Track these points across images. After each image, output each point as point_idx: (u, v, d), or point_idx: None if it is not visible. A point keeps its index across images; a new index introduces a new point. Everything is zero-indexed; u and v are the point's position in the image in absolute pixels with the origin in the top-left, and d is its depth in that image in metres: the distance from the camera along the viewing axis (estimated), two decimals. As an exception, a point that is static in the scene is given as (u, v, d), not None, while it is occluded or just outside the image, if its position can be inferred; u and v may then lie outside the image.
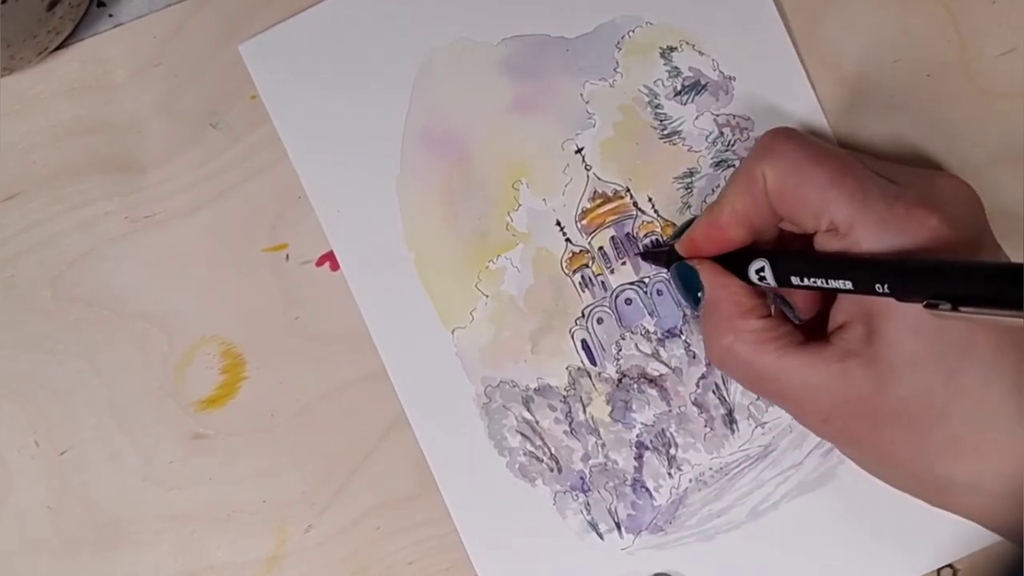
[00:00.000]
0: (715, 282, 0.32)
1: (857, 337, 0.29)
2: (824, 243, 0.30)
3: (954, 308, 0.26)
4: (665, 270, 0.36)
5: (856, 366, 0.29)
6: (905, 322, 0.28)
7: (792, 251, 0.32)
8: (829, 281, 0.29)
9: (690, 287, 0.33)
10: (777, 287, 0.31)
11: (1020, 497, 0.28)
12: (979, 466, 0.28)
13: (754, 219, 0.31)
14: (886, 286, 0.28)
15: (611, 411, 0.36)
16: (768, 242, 0.33)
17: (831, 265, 0.29)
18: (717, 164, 0.36)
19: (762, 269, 0.31)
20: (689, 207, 0.36)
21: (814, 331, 0.32)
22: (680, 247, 0.34)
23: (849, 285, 0.29)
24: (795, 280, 0.30)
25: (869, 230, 0.28)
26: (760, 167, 0.30)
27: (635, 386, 0.36)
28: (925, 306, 0.27)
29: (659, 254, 0.35)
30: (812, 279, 0.30)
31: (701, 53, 0.36)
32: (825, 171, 0.29)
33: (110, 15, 0.37)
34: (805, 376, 0.30)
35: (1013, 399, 0.28)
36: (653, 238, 0.36)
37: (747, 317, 0.31)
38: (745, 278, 0.32)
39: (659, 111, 0.36)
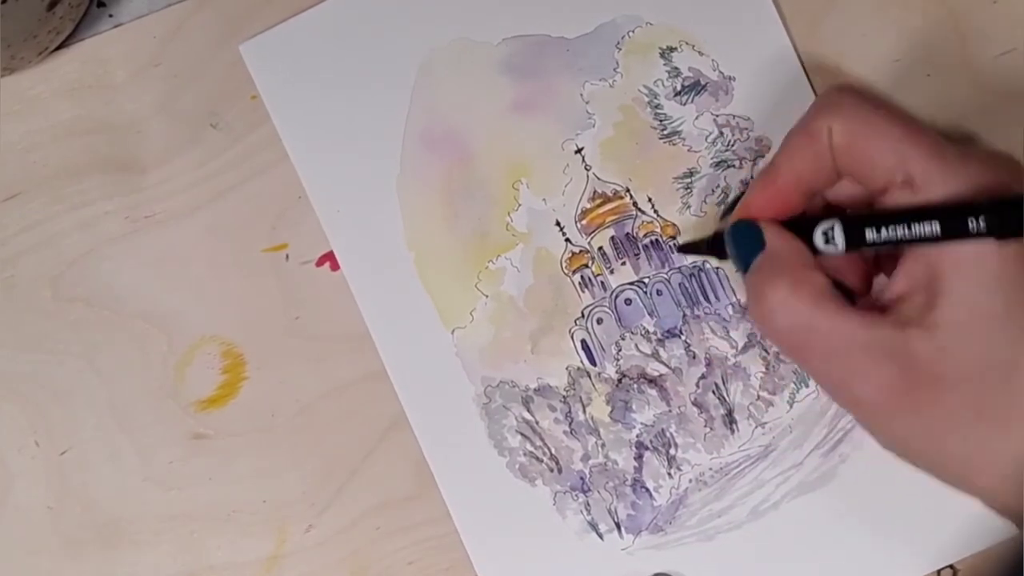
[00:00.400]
0: (779, 235, 0.31)
1: (917, 306, 0.29)
2: (897, 198, 0.29)
3: None
4: (703, 259, 0.35)
5: (917, 335, 0.28)
6: (976, 278, 0.28)
7: (860, 215, 0.31)
8: (913, 227, 0.28)
9: (746, 247, 0.31)
10: (845, 250, 0.30)
11: None
12: None
13: (814, 179, 0.30)
14: (981, 221, 0.27)
15: (611, 411, 0.36)
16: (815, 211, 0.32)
17: (915, 212, 0.29)
18: (717, 164, 0.36)
19: (830, 230, 0.30)
20: (689, 207, 0.36)
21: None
22: (737, 212, 0.32)
23: (937, 229, 0.28)
24: (871, 235, 0.29)
25: (948, 182, 0.28)
26: (825, 121, 0.30)
27: (635, 386, 0.36)
28: None
29: (698, 243, 0.35)
30: (893, 229, 0.29)
31: (701, 53, 0.36)
32: (897, 125, 0.29)
33: (110, 15, 0.37)
34: (865, 337, 0.29)
35: None
36: (652, 237, 0.36)
37: (812, 269, 0.30)
38: (809, 244, 0.31)
39: (659, 111, 0.36)
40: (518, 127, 0.36)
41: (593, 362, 0.36)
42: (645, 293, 0.36)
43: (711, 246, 0.34)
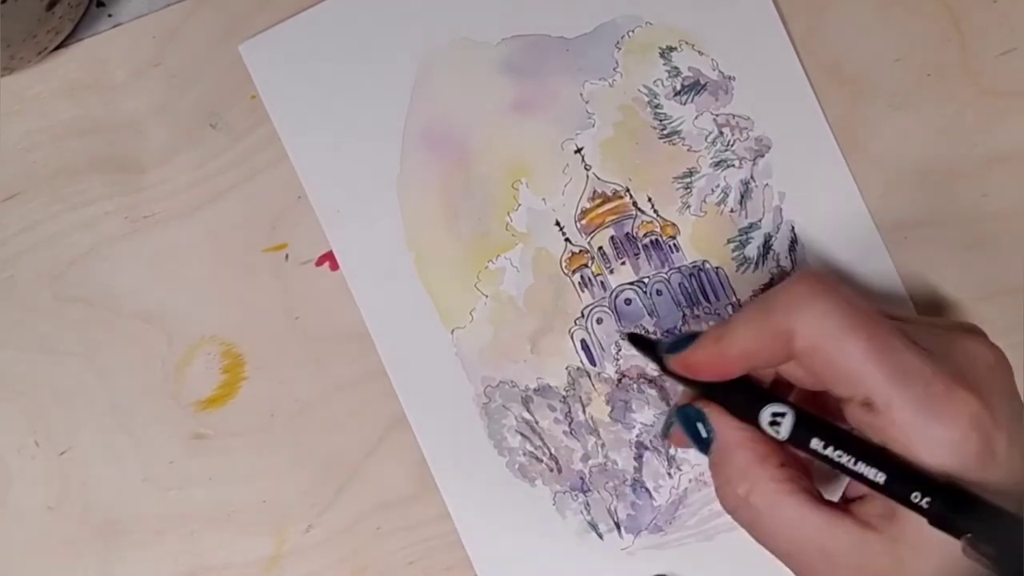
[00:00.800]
0: (726, 425, 0.30)
1: (878, 512, 0.28)
2: (856, 414, 0.28)
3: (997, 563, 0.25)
4: (649, 357, 0.32)
5: (876, 542, 0.28)
6: None
7: (816, 415, 0.29)
8: (858, 464, 0.27)
9: (694, 430, 0.30)
10: (786, 441, 0.29)
11: None
12: None
13: (766, 361, 0.29)
14: (925, 502, 0.26)
15: (611, 411, 0.36)
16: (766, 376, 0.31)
17: (865, 450, 0.27)
18: (717, 164, 0.36)
19: (780, 416, 0.29)
20: (689, 207, 0.36)
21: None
22: (674, 364, 0.30)
23: (882, 480, 0.27)
24: (816, 445, 0.28)
25: (906, 412, 0.27)
26: (790, 322, 0.28)
27: (634, 386, 0.36)
28: (966, 542, 0.26)
29: (648, 344, 0.31)
30: (839, 455, 0.27)
31: (701, 53, 0.36)
32: (862, 342, 0.27)
33: (109, 15, 0.37)
34: (823, 540, 0.28)
35: None
36: (651, 237, 0.36)
37: (764, 464, 0.29)
38: (751, 417, 0.29)
39: (659, 111, 0.36)
40: (518, 127, 0.36)
41: (593, 362, 0.36)
42: (645, 293, 0.36)
43: (657, 359, 0.31)
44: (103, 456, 0.37)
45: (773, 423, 0.29)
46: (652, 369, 0.36)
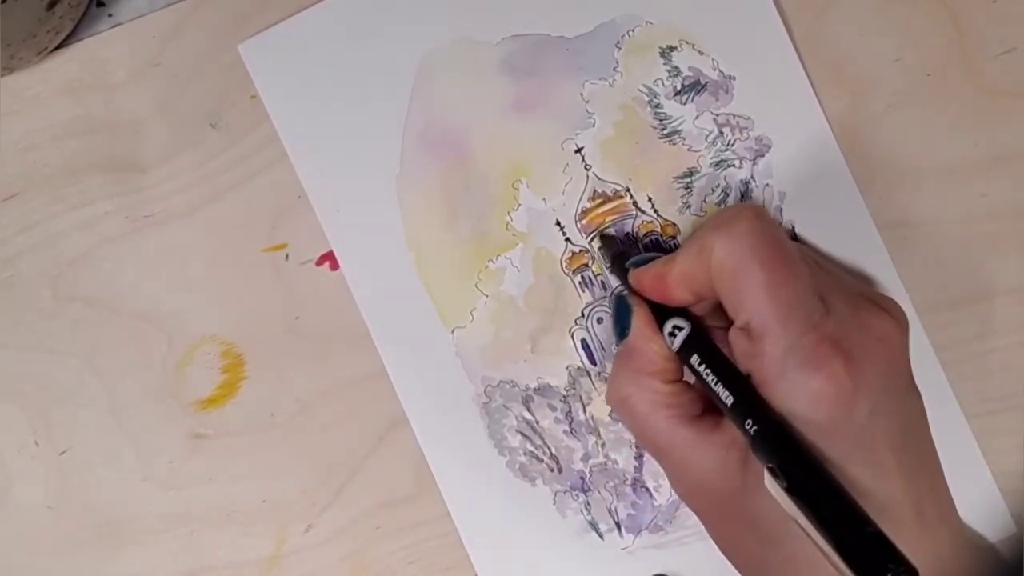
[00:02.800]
0: (641, 331, 0.32)
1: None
2: (736, 339, 0.29)
3: (789, 493, 0.26)
4: (615, 280, 0.36)
5: (733, 461, 0.29)
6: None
7: (708, 336, 0.31)
8: (718, 385, 0.29)
9: (621, 320, 0.33)
10: (676, 353, 0.31)
11: None
12: None
13: (699, 286, 0.31)
14: (753, 430, 0.28)
15: (611, 411, 0.36)
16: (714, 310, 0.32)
17: (730, 374, 0.29)
18: (717, 164, 0.36)
19: (678, 329, 0.31)
20: (689, 207, 0.36)
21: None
22: (630, 277, 0.33)
23: (729, 402, 0.29)
24: (693, 361, 0.30)
25: (777, 348, 0.28)
26: (712, 238, 0.30)
27: (635, 386, 0.36)
28: (768, 470, 0.27)
29: (619, 256, 0.35)
30: (707, 371, 0.30)
31: (701, 53, 0.36)
32: (764, 271, 0.28)
33: (109, 15, 0.37)
34: (686, 451, 0.30)
35: None
36: (652, 237, 0.36)
37: (654, 377, 0.31)
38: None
39: (659, 111, 0.36)
40: (518, 127, 0.36)
41: (593, 361, 0.36)
42: (645, 293, 0.36)
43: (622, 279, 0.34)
44: (103, 456, 0.37)
45: (671, 334, 0.31)
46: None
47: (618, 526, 0.36)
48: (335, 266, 0.37)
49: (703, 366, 0.30)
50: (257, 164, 0.37)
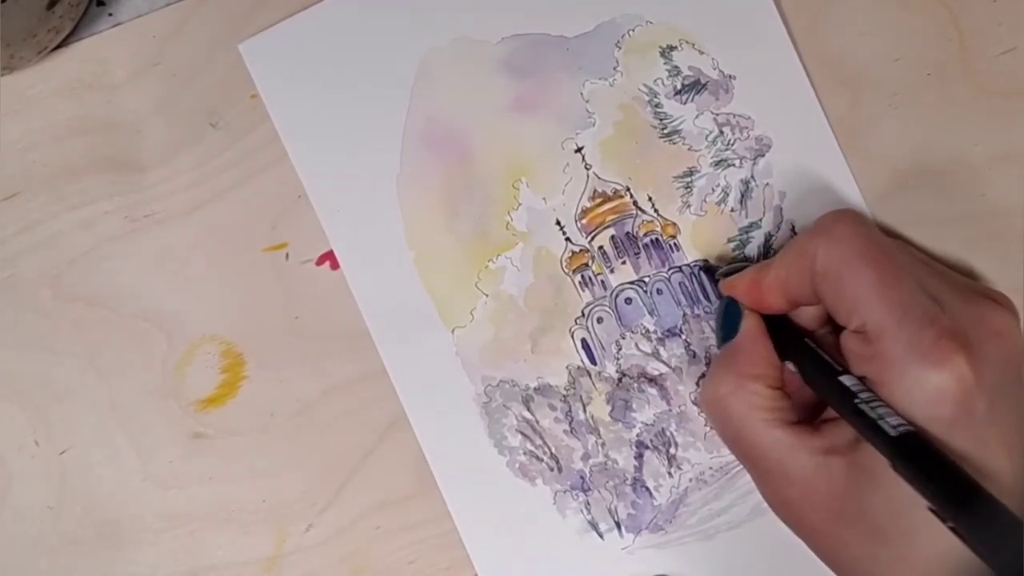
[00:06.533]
0: (750, 334, 0.32)
1: (847, 437, 0.29)
2: (850, 343, 0.30)
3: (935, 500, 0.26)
4: (711, 282, 0.36)
5: (837, 464, 0.29)
6: None
7: (823, 344, 0.32)
8: (827, 386, 0.29)
9: (728, 322, 0.33)
10: (785, 359, 0.32)
11: None
12: None
13: (796, 293, 0.31)
14: (899, 431, 0.27)
15: (611, 410, 0.36)
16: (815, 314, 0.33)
17: (832, 374, 0.29)
18: (717, 163, 0.36)
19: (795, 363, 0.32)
20: (689, 206, 0.36)
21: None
22: (721, 286, 0.34)
23: (857, 399, 0.28)
24: (790, 367, 0.31)
25: (896, 347, 0.28)
26: (814, 244, 0.30)
27: (635, 385, 0.36)
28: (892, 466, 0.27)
29: (711, 271, 0.36)
30: (813, 376, 0.30)
31: (701, 52, 0.36)
32: (873, 272, 0.29)
33: (110, 14, 0.37)
34: (784, 455, 0.30)
35: None
36: (652, 236, 0.36)
37: (756, 380, 0.31)
38: (778, 348, 0.32)
39: (659, 110, 0.36)
40: (518, 126, 0.36)
41: (593, 361, 0.36)
42: (645, 292, 0.36)
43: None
44: (103, 456, 0.37)
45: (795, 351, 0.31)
46: (652, 368, 0.36)
47: (618, 526, 0.36)
48: (335, 266, 0.37)
49: (810, 372, 0.30)
50: (257, 164, 0.37)
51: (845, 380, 0.29)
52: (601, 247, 0.36)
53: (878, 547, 0.29)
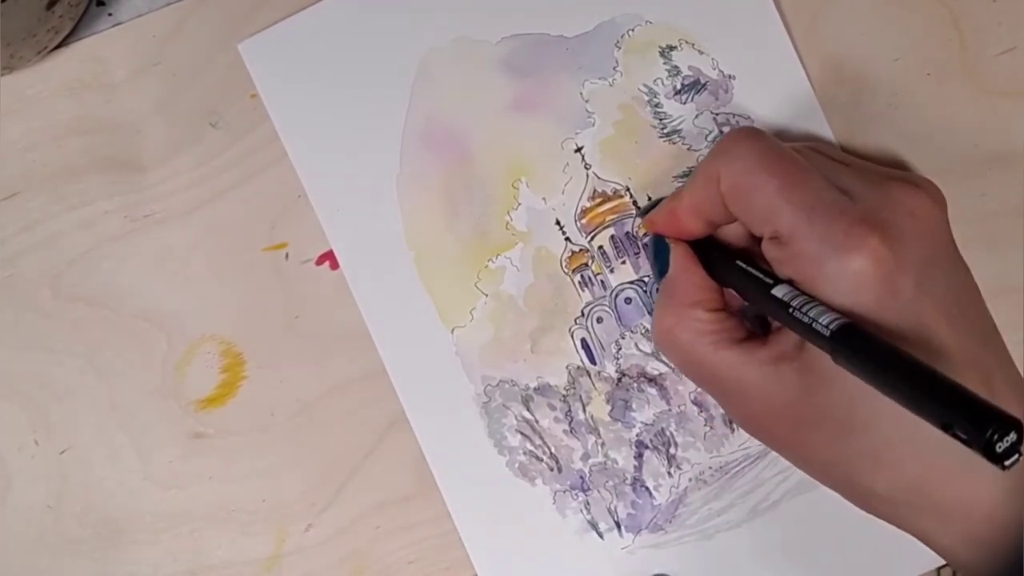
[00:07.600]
0: (680, 264, 0.33)
1: (793, 342, 0.30)
2: (769, 250, 0.30)
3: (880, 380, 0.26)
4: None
5: (788, 371, 0.29)
6: None
7: (748, 256, 0.32)
8: (758, 295, 0.30)
9: (660, 259, 0.34)
10: (715, 273, 0.32)
11: (935, 510, 0.28)
12: (896, 479, 0.29)
13: (710, 214, 0.32)
14: (834, 326, 0.27)
15: (611, 410, 0.36)
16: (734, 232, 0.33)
17: (761, 280, 0.30)
18: (717, 163, 0.36)
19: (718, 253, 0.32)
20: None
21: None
22: (644, 224, 0.35)
23: (788, 303, 0.29)
24: (737, 278, 0.31)
25: (811, 245, 0.28)
26: (716, 166, 0.30)
27: (635, 385, 0.36)
28: (830, 353, 0.27)
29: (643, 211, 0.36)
30: (744, 285, 0.31)
31: (701, 52, 0.36)
32: (776, 178, 0.29)
33: (109, 14, 0.37)
34: (737, 372, 0.30)
35: None
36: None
37: (695, 307, 0.32)
38: (709, 267, 0.33)
39: (659, 110, 0.36)
40: (518, 126, 0.36)
41: (593, 361, 0.36)
42: (645, 292, 0.36)
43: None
44: (103, 456, 0.37)
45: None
46: (652, 368, 0.36)
47: (618, 525, 0.36)
48: (335, 266, 0.37)
49: (740, 283, 0.31)
50: (257, 164, 0.37)
51: (777, 291, 0.29)
52: (601, 247, 0.36)
53: (844, 444, 0.29)
